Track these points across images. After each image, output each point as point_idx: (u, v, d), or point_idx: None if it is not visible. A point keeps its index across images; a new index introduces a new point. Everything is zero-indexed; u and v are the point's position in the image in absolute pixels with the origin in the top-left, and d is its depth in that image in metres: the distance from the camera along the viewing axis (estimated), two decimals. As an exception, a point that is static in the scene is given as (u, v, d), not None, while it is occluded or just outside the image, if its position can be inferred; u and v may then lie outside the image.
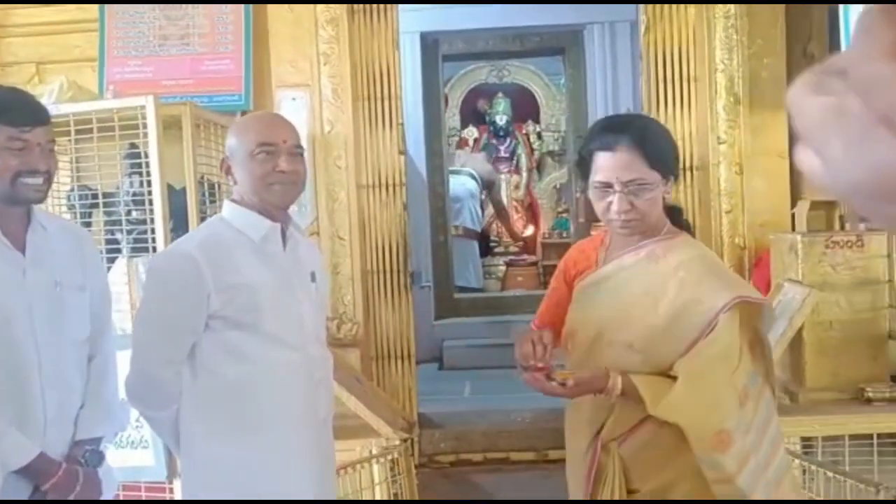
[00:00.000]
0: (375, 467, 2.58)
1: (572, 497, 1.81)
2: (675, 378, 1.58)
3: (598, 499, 1.65)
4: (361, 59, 3.55)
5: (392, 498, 2.59)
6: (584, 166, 1.67)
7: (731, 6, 3.33)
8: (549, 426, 3.89)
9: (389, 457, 2.60)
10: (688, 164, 3.51)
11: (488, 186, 7.66)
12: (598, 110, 6.36)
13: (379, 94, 3.58)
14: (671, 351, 1.58)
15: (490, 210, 8.23)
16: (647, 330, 1.60)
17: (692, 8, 3.45)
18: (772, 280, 2.95)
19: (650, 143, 1.62)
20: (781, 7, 3.35)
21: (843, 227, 2.88)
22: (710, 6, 3.36)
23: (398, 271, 3.63)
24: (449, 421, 4.00)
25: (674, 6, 3.46)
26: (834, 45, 3.13)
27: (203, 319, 1.69)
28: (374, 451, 2.58)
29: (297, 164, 1.75)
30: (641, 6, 3.52)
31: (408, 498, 2.64)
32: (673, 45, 3.48)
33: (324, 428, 1.86)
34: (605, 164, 1.59)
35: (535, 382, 1.58)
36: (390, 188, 3.61)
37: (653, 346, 1.60)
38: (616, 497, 1.62)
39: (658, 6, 3.47)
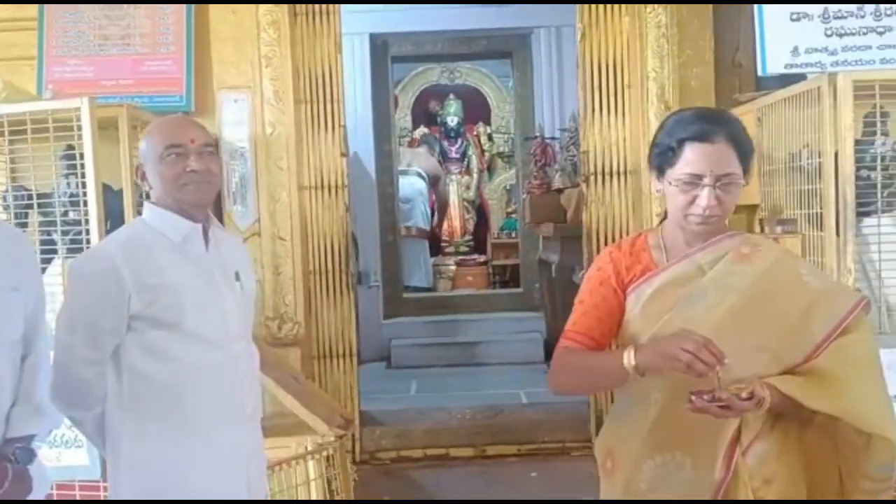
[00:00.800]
0: (311, 463, 2.63)
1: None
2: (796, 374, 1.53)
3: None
4: (304, 62, 3.59)
5: (327, 493, 2.64)
6: (667, 157, 1.57)
7: (662, 17, 3.46)
8: (488, 423, 4.00)
9: (324, 453, 2.65)
10: (622, 169, 3.64)
11: (434, 182, 7.71)
12: (544, 113, 6.48)
13: (321, 97, 3.63)
14: (800, 349, 1.54)
15: (441, 209, 8.32)
16: (774, 329, 1.54)
17: (626, 17, 3.57)
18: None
19: (743, 138, 1.57)
20: (710, 19, 3.49)
21: (762, 230, 3.02)
22: (642, 16, 3.48)
23: (340, 271, 3.68)
24: (391, 419, 4.07)
25: (608, 16, 3.57)
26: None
27: (125, 321, 1.73)
28: (310, 448, 2.63)
29: (209, 163, 1.79)
30: (577, 15, 3.62)
31: (342, 494, 2.69)
32: (607, 53, 3.60)
33: (251, 423, 1.90)
34: (699, 156, 1.52)
35: (711, 408, 1.43)
36: (333, 190, 3.66)
37: (782, 346, 1.54)
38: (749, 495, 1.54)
39: (593, 16, 3.59)
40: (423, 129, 8.55)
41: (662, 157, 1.59)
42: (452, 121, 8.56)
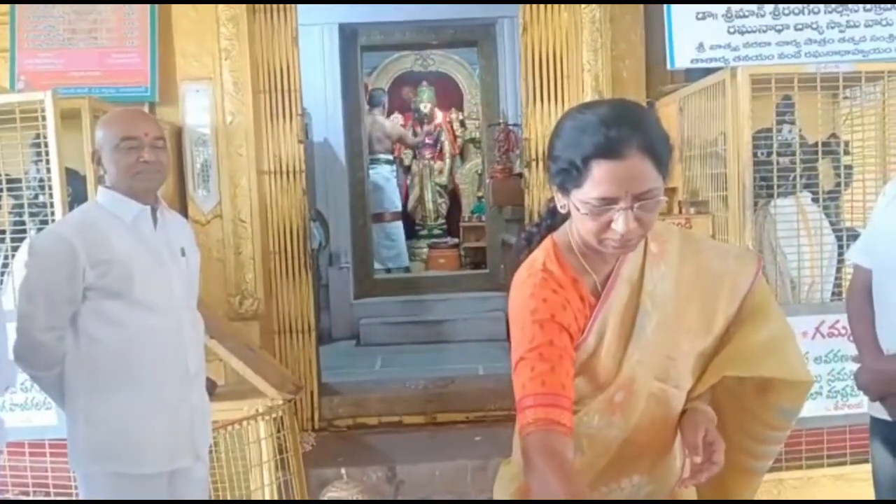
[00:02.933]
0: (261, 424, 2.89)
1: None
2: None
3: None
4: (262, 55, 3.82)
5: (276, 451, 2.90)
6: (570, 175, 1.31)
7: (597, 13, 3.70)
8: (440, 392, 4.27)
9: (274, 415, 2.91)
10: (561, 155, 3.89)
11: (400, 140, 8.00)
12: (508, 100, 6.72)
13: (279, 88, 3.86)
14: (720, 330, 1.48)
15: (414, 193, 8.58)
16: (706, 327, 1.46)
17: (564, 13, 3.81)
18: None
19: (658, 142, 1.31)
20: (640, 15, 3.73)
21: (680, 211, 3.28)
22: (578, 12, 3.72)
23: (299, 252, 3.93)
24: (349, 390, 4.34)
25: (548, 12, 3.81)
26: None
27: (80, 291, 1.97)
28: (260, 410, 2.89)
29: (160, 155, 2.04)
30: (520, 11, 3.86)
31: (292, 451, 2.95)
32: (547, 46, 3.84)
33: (195, 381, 2.16)
34: (611, 176, 1.27)
35: (712, 469, 1.40)
36: (291, 175, 3.90)
37: (711, 338, 1.47)
38: None
39: (534, 11, 3.82)
40: (397, 117, 8.75)
41: (565, 175, 1.32)
42: (426, 107, 8.77)
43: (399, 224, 7.78)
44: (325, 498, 1.35)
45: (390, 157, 7.75)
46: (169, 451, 2.09)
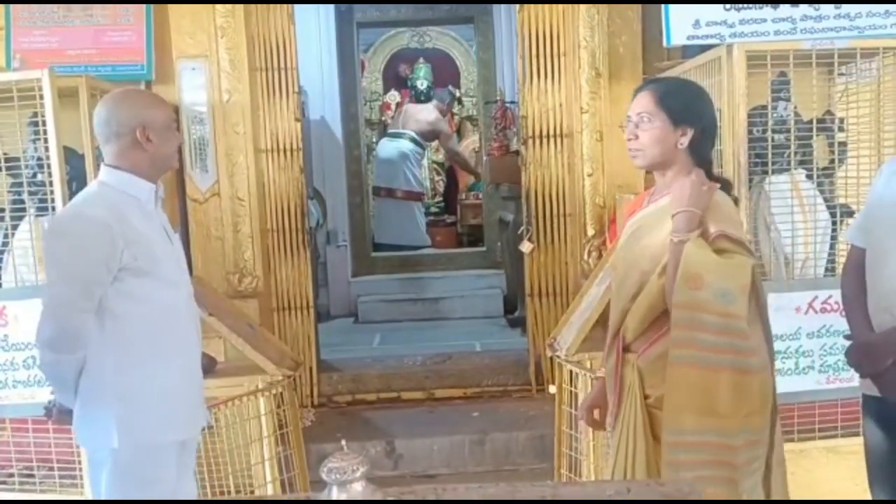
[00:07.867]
0: (261, 400, 2.92)
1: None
2: None
3: (622, 405, 1.92)
4: (258, 32, 3.81)
5: (276, 426, 2.94)
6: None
7: (593, -12, 3.69)
8: (437, 368, 4.32)
9: (274, 391, 2.94)
10: (557, 132, 3.91)
11: (436, 135, 7.91)
12: (505, 77, 6.70)
13: (276, 65, 3.85)
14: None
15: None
16: (658, 260, 1.84)
17: (561, -11, 3.80)
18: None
19: (666, 90, 1.93)
20: (637, -9, 3.72)
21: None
22: (575, -12, 3.71)
23: (297, 230, 3.95)
24: (348, 366, 4.38)
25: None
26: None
27: (113, 273, 1.95)
28: (260, 386, 2.92)
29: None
30: (515, -14, 3.85)
31: (291, 426, 2.99)
32: (544, 23, 3.84)
33: (199, 350, 2.21)
34: (630, 106, 1.95)
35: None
36: (288, 153, 3.91)
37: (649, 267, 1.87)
38: (636, 402, 1.87)
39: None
40: (393, 94, 8.71)
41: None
42: (422, 84, 8.71)
43: (412, 204, 7.71)
44: (327, 468, 1.37)
45: (416, 134, 7.73)
46: (193, 417, 2.16)
